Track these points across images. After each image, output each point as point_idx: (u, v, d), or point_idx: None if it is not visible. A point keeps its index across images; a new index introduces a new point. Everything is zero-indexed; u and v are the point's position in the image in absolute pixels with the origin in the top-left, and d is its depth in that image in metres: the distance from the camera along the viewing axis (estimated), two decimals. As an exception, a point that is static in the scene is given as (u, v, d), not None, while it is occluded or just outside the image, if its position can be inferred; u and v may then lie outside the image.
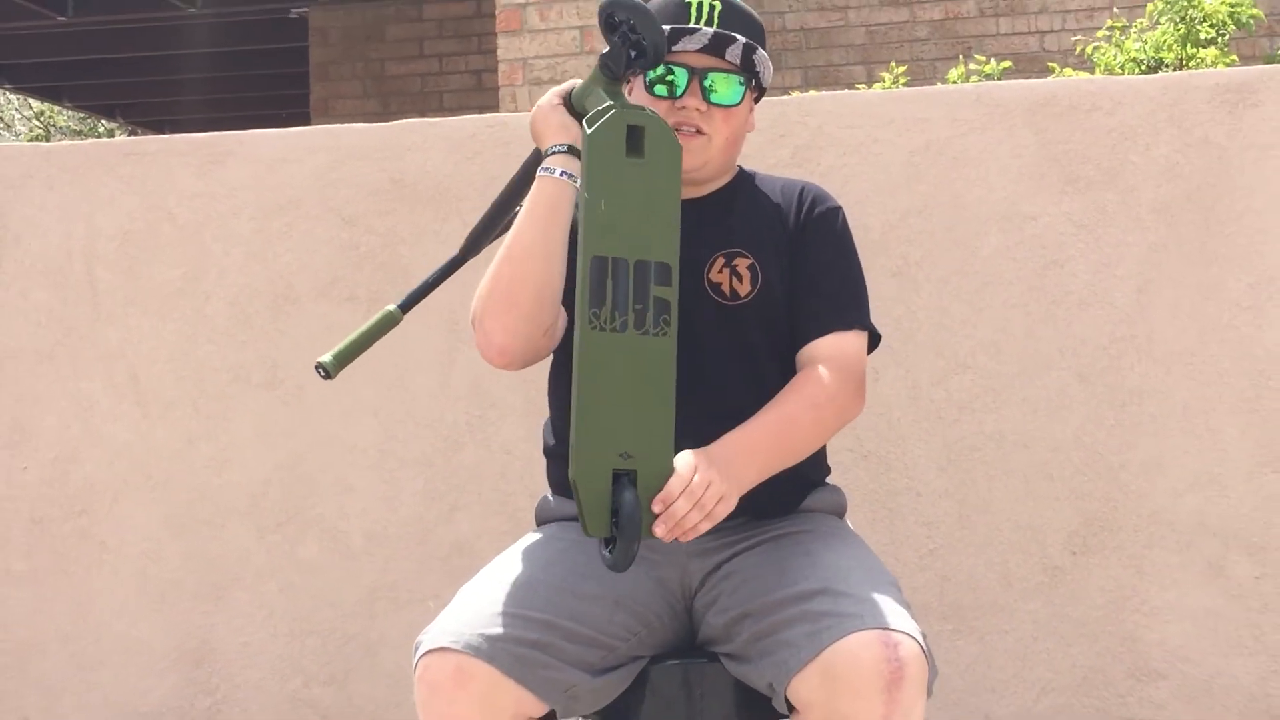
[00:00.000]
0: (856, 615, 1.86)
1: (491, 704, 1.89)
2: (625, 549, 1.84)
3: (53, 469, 3.36)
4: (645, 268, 1.89)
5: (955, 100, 3.06)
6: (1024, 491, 2.99)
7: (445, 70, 9.08)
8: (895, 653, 1.82)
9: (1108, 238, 2.97)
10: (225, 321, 3.31)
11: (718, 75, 2.12)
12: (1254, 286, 2.92)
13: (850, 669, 1.82)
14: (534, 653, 1.91)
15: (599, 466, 1.86)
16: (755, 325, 2.14)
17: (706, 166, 2.16)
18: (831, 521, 2.19)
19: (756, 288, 2.14)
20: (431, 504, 3.20)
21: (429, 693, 1.90)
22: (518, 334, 2.05)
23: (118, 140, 3.44)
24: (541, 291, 2.03)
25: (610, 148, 1.90)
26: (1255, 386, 2.91)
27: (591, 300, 1.88)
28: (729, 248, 2.16)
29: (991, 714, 2.99)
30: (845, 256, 2.20)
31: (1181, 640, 2.92)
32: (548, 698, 1.92)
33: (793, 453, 2.07)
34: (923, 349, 3.02)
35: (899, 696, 1.82)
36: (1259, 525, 2.90)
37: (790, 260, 2.17)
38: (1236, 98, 2.94)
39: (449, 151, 3.23)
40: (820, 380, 2.08)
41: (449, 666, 1.89)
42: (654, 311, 1.89)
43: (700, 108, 2.12)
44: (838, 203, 2.24)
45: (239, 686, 3.27)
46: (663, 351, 1.89)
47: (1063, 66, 5.66)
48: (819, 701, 1.84)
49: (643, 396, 1.88)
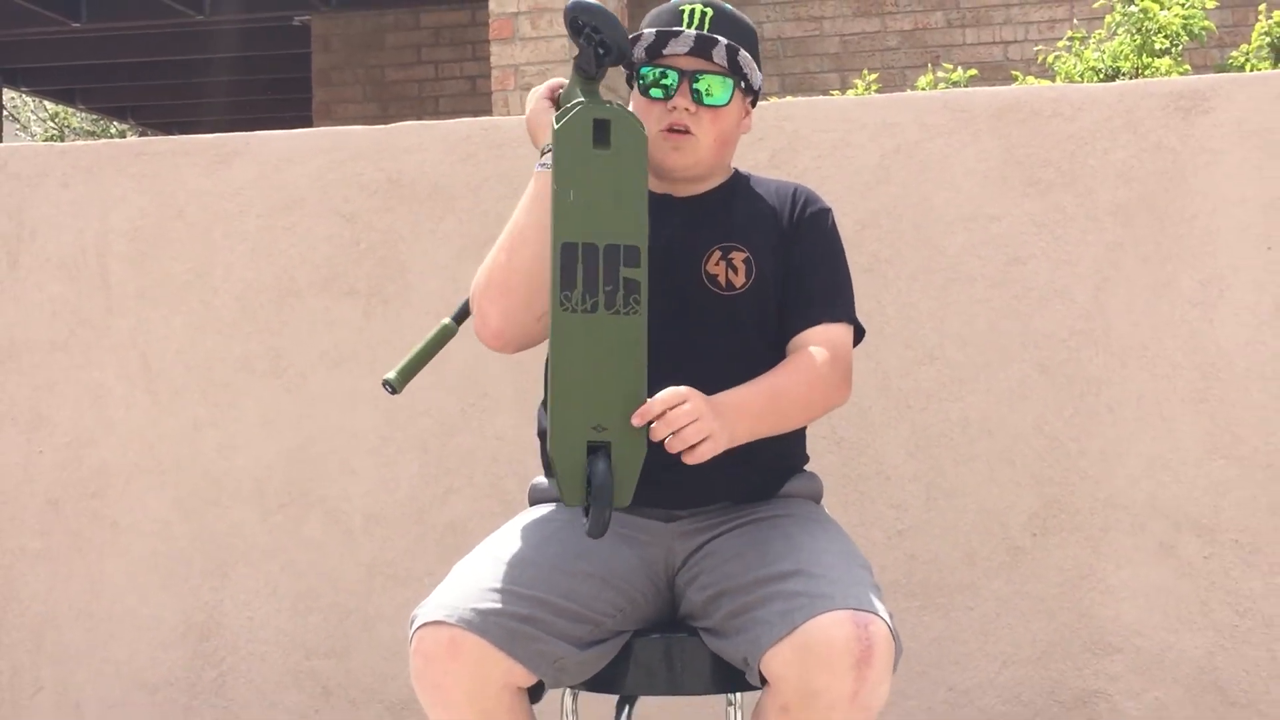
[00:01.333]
0: (829, 595, 1.87)
1: (482, 674, 1.89)
2: (598, 515, 1.87)
3: (67, 453, 3.35)
4: (615, 251, 1.92)
5: (924, 106, 3.06)
6: (987, 476, 2.99)
7: (441, 76, 9.06)
8: (866, 632, 1.83)
9: (1067, 237, 2.98)
10: (232, 313, 3.30)
11: (706, 77, 2.13)
12: (1204, 284, 2.93)
13: (823, 646, 1.83)
14: (524, 626, 1.92)
15: (574, 439, 1.90)
16: (749, 315, 2.15)
17: (698, 165, 2.17)
18: (809, 506, 2.20)
19: (751, 279, 2.15)
20: (427, 487, 3.20)
21: (424, 663, 1.91)
22: (511, 318, 2.07)
23: (129, 141, 3.43)
24: (534, 279, 2.04)
25: (577, 140, 1.93)
26: (1205, 378, 2.92)
27: (562, 284, 1.91)
28: (725, 241, 2.17)
29: (956, 685, 3.00)
30: (834, 254, 2.22)
31: (1135, 616, 2.93)
32: (536, 669, 1.92)
33: (782, 420, 2.08)
34: (892, 341, 3.02)
35: (868, 673, 1.82)
36: (1208, 508, 2.91)
37: (783, 256, 2.19)
38: (1189, 105, 2.95)
39: (445, 153, 3.22)
40: (813, 360, 2.10)
41: (443, 639, 1.90)
42: (624, 292, 1.92)
43: (690, 108, 2.13)
44: (827, 204, 2.26)
45: (244, 659, 3.27)
46: (633, 329, 1.92)
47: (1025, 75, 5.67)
48: (792, 676, 1.84)
49: (615, 372, 1.91)
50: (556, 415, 1.91)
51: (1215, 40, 6.26)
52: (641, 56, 2.14)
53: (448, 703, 1.91)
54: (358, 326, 3.24)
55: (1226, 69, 5.15)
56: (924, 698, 3.00)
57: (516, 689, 1.93)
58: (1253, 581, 2.89)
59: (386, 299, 3.24)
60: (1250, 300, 2.91)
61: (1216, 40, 6.48)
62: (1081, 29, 5.70)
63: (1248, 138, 2.92)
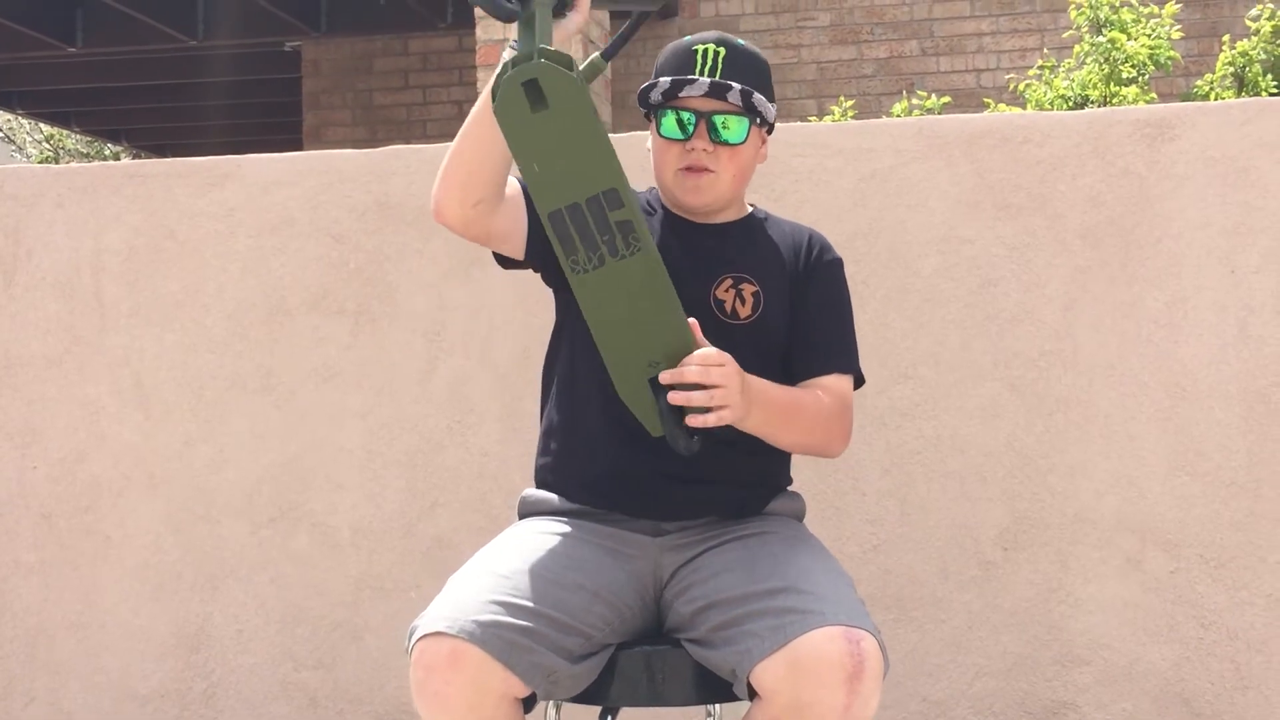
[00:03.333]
0: (820, 612, 1.88)
1: (482, 685, 1.88)
2: (673, 435, 1.90)
3: (61, 468, 3.34)
4: (596, 202, 1.89)
5: (898, 132, 3.07)
6: (959, 492, 3.00)
7: (429, 100, 9.06)
8: (858, 648, 1.84)
9: (1037, 260, 2.99)
10: (223, 332, 3.30)
11: (723, 117, 2.14)
12: (1170, 305, 2.94)
13: (816, 661, 1.83)
14: (521, 638, 1.91)
15: (636, 382, 1.92)
16: (750, 347, 2.14)
17: (717, 201, 2.19)
18: (794, 525, 2.21)
19: (757, 313, 2.16)
20: (414, 501, 3.20)
21: (425, 674, 1.90)
22: (452, 202, 2.07)
23: (123, 163, 3.42)
24: (469, 164, 2.04)
25: (516, 110, 1.86)
26: (1171, 397, 2.93)
27: (565, 252, 1.90)
28: (737, 272, 2.18)
29: (929, 696, 3.00)
30: (844, 305, 2.26)
31: (1103, 629, 2.94)
32: (531, 681, 1.92)
33: (787, 430, 2.10)
34: (867, 360, 3.02)
35: (859, 688, 1.83)
36: (1173, 524, 2.92)
37: (792, 298, 2.20)
38: (1156, 132, 2.97)
39: (432, 176, 3.19)
40: (827, 401, 2.15)
41: (444, 650, 1.88)
42: (620, 235, 1.90)
43: (708, 148, 2.14)
44: (839, 255, 2.28)
45: (233, 670, 3.26)
46: (646, 265, 1.91)
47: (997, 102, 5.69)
48: (784, 690, 1.85)
49: (647, 310, 1.91)
50: (614, 368, 1.92)
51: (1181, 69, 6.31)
52: (659, 100, 2.15)
53: (448, 713, 1.89)
54: (346, 344, 3.24)
55: (1191, 98, 5.18)
56: (898, 709, 3.00)
57: (514, 700, 1.93)
58: (1217, 595, 2.90)
59: (374, 318, 3.24)
60: (1214, 321, 2.92)
61: (1182, 69, 6.52)
62: (1052, 58, 5.73)
63: (1211, 164, 2.93)
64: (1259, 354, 2.90)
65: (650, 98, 2.16)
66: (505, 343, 3.18)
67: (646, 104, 2.18)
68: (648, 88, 2.15)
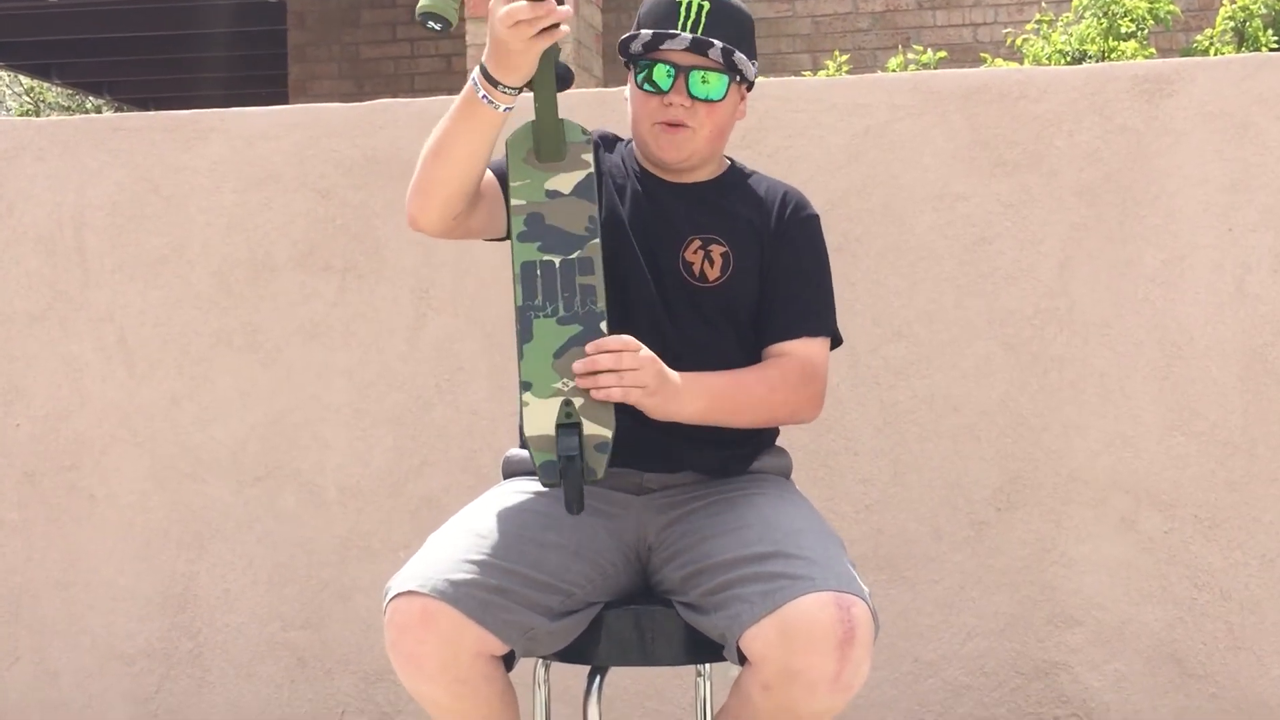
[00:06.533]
0: (811, 577, 1.88)
1: (455, 644, 1.90)
2: (571, 490, 1.93)
3: (44, 426, 3.34)
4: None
5: (894, 87, 3.06)
6: (953, 451, 3.01)
7: (417, 54, 9.01)
8: (849, 614, 1.85)
9: (1033, 217, 3.00)
10: (208, 288, 3.29)
11: (702, 73, 2.12)
12: (1167, 263, 2.95)
13: (807, 627, 1.84)
14: (495, 597, 1.92)
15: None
16: (719, 310, 2.15)
17: (693, 157, 2.18)
18: (782, 484, 2.21)
19: (726, 275, 2.15)
20: (402, 460, 3.21)
21: (397, 634, 1.92)
22: (429, 216, 2.08)
23: (106, 116, 3.41)
24: (450, 187, 2.05)
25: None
26: (1166, 356, 2.94)
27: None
28: (707, 233, 2.17)
29: (920, 657, 3.02)
30: (819, 265, 2.22)
31: (1096, 589, 2.96)
32: (508, 639, 1.93)
33: (735, 414, 2.10)
34: (861, 318, 3.04)
35: (850, 653, 1.84)
36: (1168, 483, 2.94)
37: (765, 257, 2.19)
38: (1154, 88, 2.96)
39: (420, 130, 3.21)
40: (783, 370, 2.14)
41: (416, 609, 1.90)
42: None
43: (685, 104, 2.13)
44: (816, 211, 2.25)
45: (220, 630, 3.27)
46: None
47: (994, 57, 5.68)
48: (775, 656, 1.86)
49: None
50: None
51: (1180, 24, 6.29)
52: (639, 50, 2.14)
53: (422, 672, 1.91)
54: (333, 301, 3.24)
55: (1191, 53, 5.17)
56: (889, 669, 3.02)
57: (490, 657, 1.94)
58: (1211, 556, 2.92)
59: (361, 274, 3.24)
60: (1210, 279, 2.93)
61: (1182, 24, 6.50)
62: (1049, 12, 5.71)
63: (1210, 120, 2.94)
64: (1256, 312, 2.91)
65: (630, 48, 2.15)
66: (494, 300, 3.18)
67: (626, 53, 2.16)
68: (629, 38, 2.14)
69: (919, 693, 3.02)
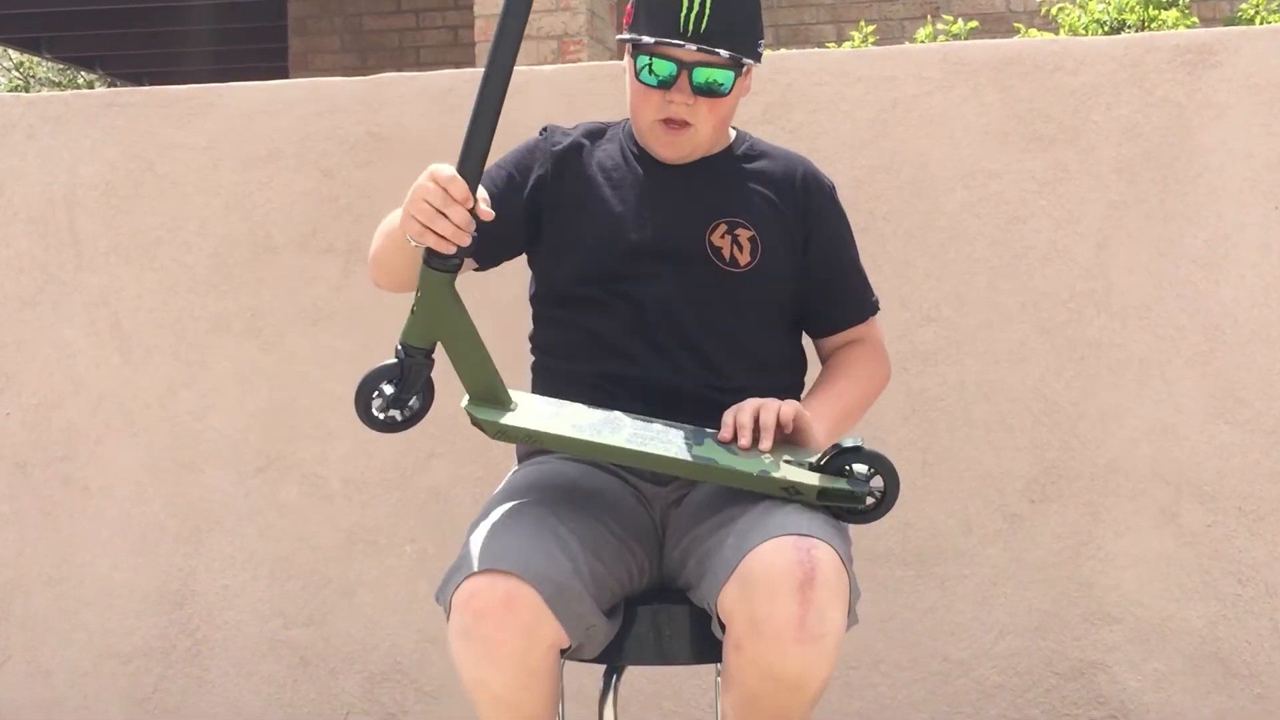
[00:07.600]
0: (769, 527, 1.85)
1: (533, 632, 1.82)
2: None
3: (36, 414, 3.33)
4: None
5: (922, 59, 3.03)
6: (984, 441, 2.99)
7: (422, 25, 8.98)
8: (808, 555, 1.80)
9: (1069, 195, 2.96)
10: (206, 271, 3.27)
11: (706, 69, 2.07)
12: (1210, 243, 2.91)
13: (764, 572, 1.80)
14: (574, 582, 1.86)
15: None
16: (752, 295, 2.13)
17: (694, 153, 2.16)
18: None
19: (756, 259, 2.13)
20: (409, 451, 3.18)
21: (474, 619, 1.81)
22: (390, 286, 2.34)
23: (99, 91, 3.39)
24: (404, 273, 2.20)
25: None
26: (1209, 340, 2.91)
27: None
28: (729, 216, 2.14)
29: (951, 656, 3.00)
30: (851, 244, 2.27)
31: (1135, 585, 2.93)
32: (573, 634, 1.87)
33: (849, 421, 2.19)
34: (888, 301, 2.99)
35: (812, 595, 1.78)
36: (1211, 474, 2.91)
37: (792, 240, 2.16)
38: (1196, 59, 2.93)
39: (426, 105, 3.19)
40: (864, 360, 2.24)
41: (499, 592, 1.81)
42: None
43: (688, 101, 2.08)
44: (829, 180, 2.25)
45: (219, 627, 3.26)
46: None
47: (1028, 27, 5.63)
48: (738, 610, 1.81)
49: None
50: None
51: (1221, -8, 6.24)
52: (643, 43, 2.07)
53: (492, 658, 1.81)
54: (336, 285, 3.22)
55: (1236, 22, 5.12)
56: (918, 668, 3.00)
57: (558, 653, 1.89)
58: (1256, 550, 2.89)
59: (367, 256, 3.21)
60: (1256, 260, 2.89)
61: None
62: (1083, -20, 5.66)
63: (1256, 92, 2.90)
64: (1304, 295, 2.88)
65: (631, 33, 2.09)
66: (505, 284, 3.15)
67: (624, 34, 2.12)
68: (630, 22, 2.09)
69: (949, 693, 2.99)
